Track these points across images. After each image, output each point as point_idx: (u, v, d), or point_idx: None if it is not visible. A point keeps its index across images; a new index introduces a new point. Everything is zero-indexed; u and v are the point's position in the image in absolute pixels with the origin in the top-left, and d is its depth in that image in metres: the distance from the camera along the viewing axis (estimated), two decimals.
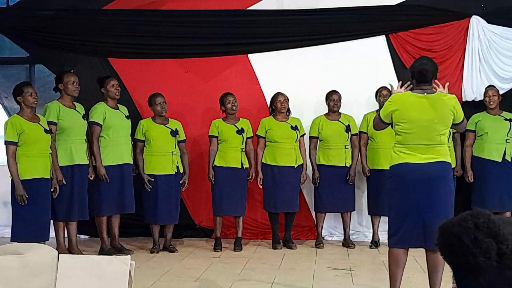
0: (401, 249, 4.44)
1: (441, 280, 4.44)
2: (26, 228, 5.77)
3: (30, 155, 5.80)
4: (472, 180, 6.87)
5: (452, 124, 4.50)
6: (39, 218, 5.84)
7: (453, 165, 6.86)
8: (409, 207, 4.38)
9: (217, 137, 6.86)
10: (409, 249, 4.51)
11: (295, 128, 6.94)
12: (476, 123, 6.86)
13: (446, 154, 4.47)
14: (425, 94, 4.44)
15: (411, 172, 4.37)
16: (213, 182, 6.83)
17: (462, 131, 4.80)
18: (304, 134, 7.07)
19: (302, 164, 6.98)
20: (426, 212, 4.35)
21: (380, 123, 4.61)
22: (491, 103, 6.83)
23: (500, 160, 6.78)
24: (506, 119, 6.85)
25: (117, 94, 6.58)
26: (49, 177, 5.95)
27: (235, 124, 6.88)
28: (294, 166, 6.91)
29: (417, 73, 4.47)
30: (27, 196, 5.71)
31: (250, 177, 6.95)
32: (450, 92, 7.01)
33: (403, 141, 4.44)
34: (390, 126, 4.60)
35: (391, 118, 4.48)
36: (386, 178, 4.76)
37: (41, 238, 5.74)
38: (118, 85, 6.67)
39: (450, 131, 6.78)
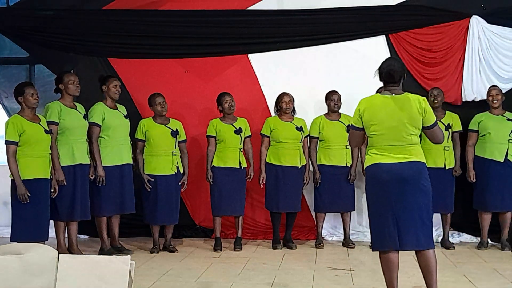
0: (390, 252, 4.41)
1: (437, 280, 4.42)
2: (26, 228, 5.76)
3: (30, 155, 5.79)
4: (474, 180, 6.87)
5: (423, 128, 4.42)
6: (38, 218, 5.83)
7: (453, 165, 6.88)
8: (384, 209, 4.36)
9: (215, 137, 6.85)
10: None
11: (300, 129, 6.93)
12: (479, 123, 6.85)
13: (418, 154, 4.41)
14: (393, 95, 4.43)
15: (384, 173, 4.36)
16: (212, 183, 6.83)
17: (437, 141, 4.51)
18: (308, 135, 7.07)
19: (305, 165, 6.98)
20: (399, 213, 4.33)
21: (354, 133, 4.58)
22: (495, 102, 6.80)
23: (502, 160, 6.76)
24: (509, 119, 6.81)
25: (117, 95, 6.57)
26: (49, 178, 5.95)
27: (233, 124, 6.87)
28: (298, 167, 6.90)
29: (384, 74, 4.46)
30: (29, 195, 5.71)
31: (248, 176, 6.94)
32: (450, 92, 7.16)
33: (374, 143, 4.43)
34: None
35: (362, 122, 4.45)
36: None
37: (41, 238, 5.74)
38: (120, 86, 6.66)
39: (449, 131, 6.84)
